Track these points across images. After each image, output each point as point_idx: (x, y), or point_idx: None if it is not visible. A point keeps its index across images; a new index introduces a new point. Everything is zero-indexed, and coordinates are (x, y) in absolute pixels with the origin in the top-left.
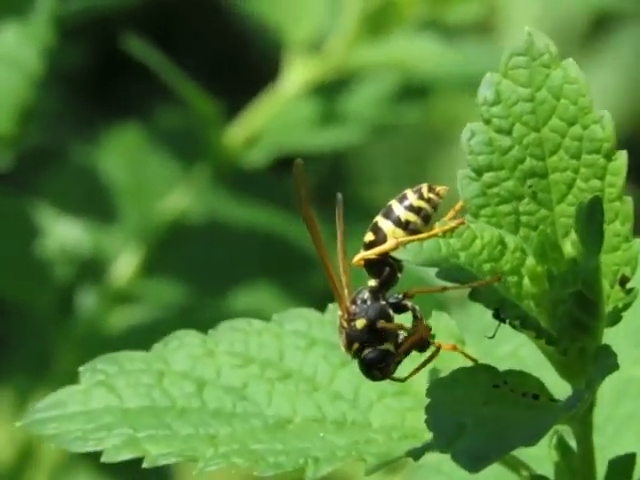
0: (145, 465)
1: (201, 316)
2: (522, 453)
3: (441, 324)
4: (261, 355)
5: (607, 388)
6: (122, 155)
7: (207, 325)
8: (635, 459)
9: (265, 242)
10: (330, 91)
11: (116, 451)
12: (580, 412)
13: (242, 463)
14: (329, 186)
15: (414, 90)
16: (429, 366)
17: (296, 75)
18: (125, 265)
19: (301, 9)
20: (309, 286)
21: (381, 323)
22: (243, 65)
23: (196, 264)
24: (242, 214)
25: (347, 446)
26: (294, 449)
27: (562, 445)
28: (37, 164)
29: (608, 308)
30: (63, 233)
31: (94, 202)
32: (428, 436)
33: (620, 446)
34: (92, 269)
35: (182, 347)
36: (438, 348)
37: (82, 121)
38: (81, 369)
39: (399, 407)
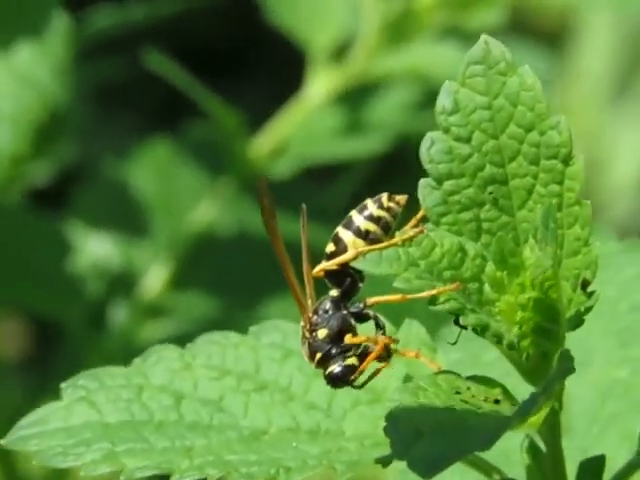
0: (122, 478)
1: (230, 328)
2: (500, 457)
3: (412, 332)
4: (237, 367)
5: (591, 390)
6: (152, 169)
7: None
8: (604, 461)
9: (293, 253)
10: (353, 100)
11: (94, 465)
12: (544, 416)
13: (216, 474)
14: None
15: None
16: (402, 373)
17: (319, 85)
18: (155, 278)
19: (323, 19)
20: None
21: (349, 338)
22: (267, 76)
23: (224, 276)
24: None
25: (319, 455)
26: (267, 459)
27: (533, 448)
28: (69, 180)
29: (570, 312)
30: (94, 248)
31: (124, 216)
32: None
33: (604, 447)
34: (123, 283)
35: (160, 361)
36: (388, 354)
37: (113, 136)
38: (63, 385)
39: (372, 415)
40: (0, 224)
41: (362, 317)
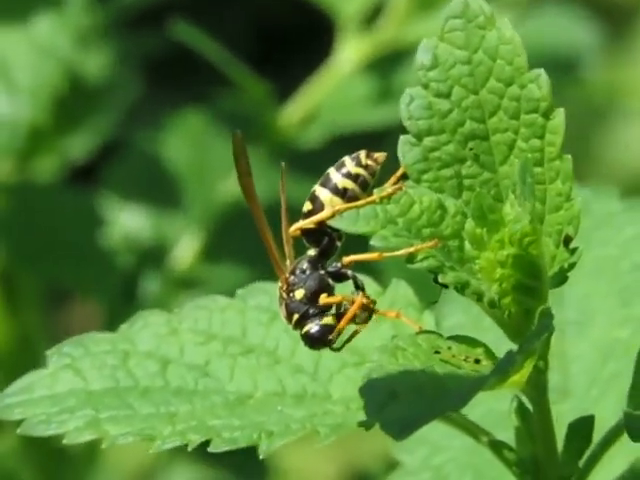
0: (104, 445)
1: None
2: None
3: (399, 292)
4: (224, 331)
5: (592, 350)
6: (184, 140)
7: None
8: (593, 421)
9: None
10: (383, 67)
11: (78, 433)
12: (528, 376)
13: (197, 439)
14: None
15: None
16: (390, 334)
17: (349, 52)
18: (187, 250)
19: None
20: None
21: (324, 298)
22: (296, 44)
23: (256, 246)
24: (300, 193)
25: (303, 419)
26: (250, 424)
27: (521, 409)
28: (107, 154)
29: (554, 269)
30: (126, 221)
31: (156, 188)
32: None
33: (602, 409)
34: (154, 255)
35: (147, 327)
36: (369, 314)
37: (144, 108)
38: (48, 353)
39: (358, 378)
40: (32, 198)
41: (340, 277)
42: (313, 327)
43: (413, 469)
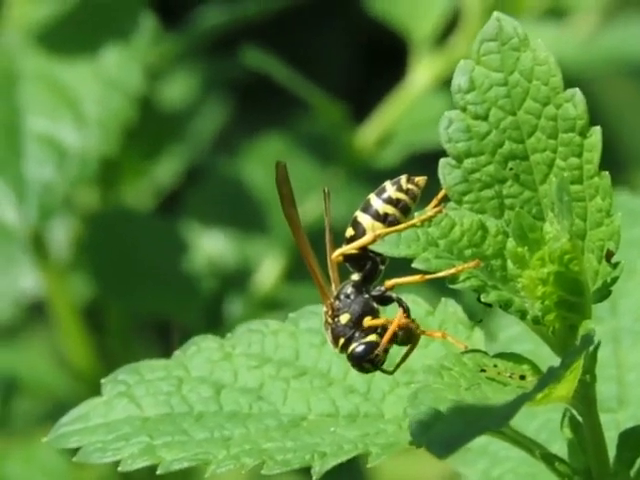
0: (159, 472)
1: None
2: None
3: (449, 310)
4: (277, 355)
5: None
6: (263, 164)
7: None
8: None
9: None
10: None
11: (132, 460)
12: (575, 390)
13: (251, 462)
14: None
15: None
16: (440, 353)
17: (422, 72)
18: (269, 272)
19: (424, 6)
20: None
21: (369, 321)
22: (370, 66)
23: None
24: None
25: (356, 439)
26: (303, 446)
27: (572, 422)
28: (187, 179)
29: (597, 284)
30: (209, 245)
31: (237, 212)
32: None
33: None
34: (237, 278)
35: (200, 352)
36: (418, 335)
37: (228, 133)
38: (103, 381)
39: None
40: (117, 226)
41: (385, 300)
42: (358, 346)
43: None
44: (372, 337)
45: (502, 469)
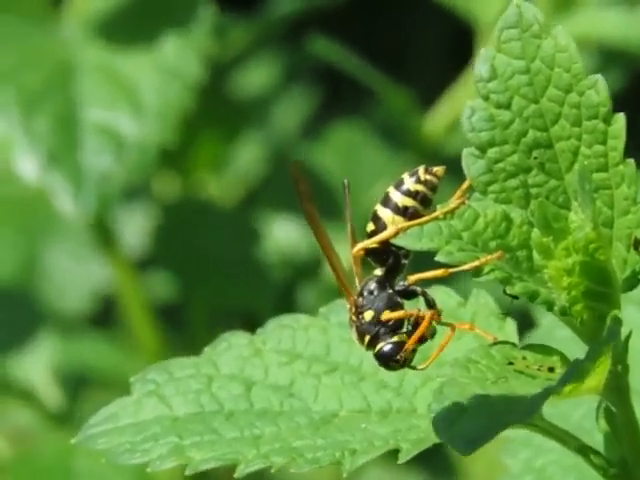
0: (187, 472)
1: None
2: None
3: (480, 302)
4: (308, 350)
5: None
6: (335, 151)
7: None
8: None
9: None
10: None
11: (161, 461)
12: (606, 381)
13: (280, 461)
14: None
15: (614, 62)
16: (473, 346)
17: None
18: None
19: None
20: None
21: (387, 314)
22: (435, 51)
23: None
24: (451, 197)
25: (387, 435)
26: (333, 443)
27: (607, 413)
28: (269, 168)
29: (626, 273)
30: (281, 234)
31: None
32: None
33: None
34: (309, 267)
35: (230, 349)
36: (452, 329)
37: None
38: (132, 380)
39: None
40: (191, 215)
41: (409, 294)
42: (385, 345)
43: (517, 472)
44: (399, 336)
45: (545, 460)
